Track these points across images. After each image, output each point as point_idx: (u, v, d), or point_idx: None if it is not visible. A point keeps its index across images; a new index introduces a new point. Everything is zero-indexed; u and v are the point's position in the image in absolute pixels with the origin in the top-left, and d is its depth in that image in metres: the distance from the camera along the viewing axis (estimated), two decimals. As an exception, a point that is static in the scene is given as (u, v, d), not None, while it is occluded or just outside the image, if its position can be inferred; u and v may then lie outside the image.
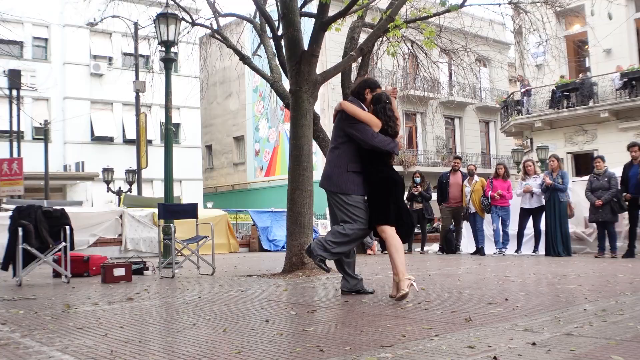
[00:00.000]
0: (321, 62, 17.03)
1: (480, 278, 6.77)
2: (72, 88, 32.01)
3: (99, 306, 5.79)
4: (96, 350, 3.63)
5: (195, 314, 5.10)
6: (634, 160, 11.29)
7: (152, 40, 14.87)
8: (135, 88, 24.19)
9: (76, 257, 9.79)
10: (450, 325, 4.19)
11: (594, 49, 24.28)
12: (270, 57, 12.80)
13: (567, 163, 25.51)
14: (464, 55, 16.45)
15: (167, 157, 12.13)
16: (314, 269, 8.91)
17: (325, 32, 9.76)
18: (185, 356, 3.40)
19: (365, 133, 5.78)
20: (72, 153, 31.63)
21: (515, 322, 4.25)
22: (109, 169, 28.15)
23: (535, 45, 17.30)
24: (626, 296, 5.54)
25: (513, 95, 29.50)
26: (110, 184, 28.14)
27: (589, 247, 12.75)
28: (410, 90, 21.30)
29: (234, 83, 38.58)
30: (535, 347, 3.41)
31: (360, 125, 5.82)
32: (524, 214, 12.81)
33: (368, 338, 3.80)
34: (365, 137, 5.78)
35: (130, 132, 31.81)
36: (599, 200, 11.41)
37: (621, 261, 10.31)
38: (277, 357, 3.31)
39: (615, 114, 24.49)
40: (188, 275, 9.51)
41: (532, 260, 11.20)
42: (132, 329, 4.41)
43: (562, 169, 12.58)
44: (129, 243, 16.07)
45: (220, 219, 18.42)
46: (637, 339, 3.60)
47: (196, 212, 10.41)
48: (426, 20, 13.71)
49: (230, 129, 40.48)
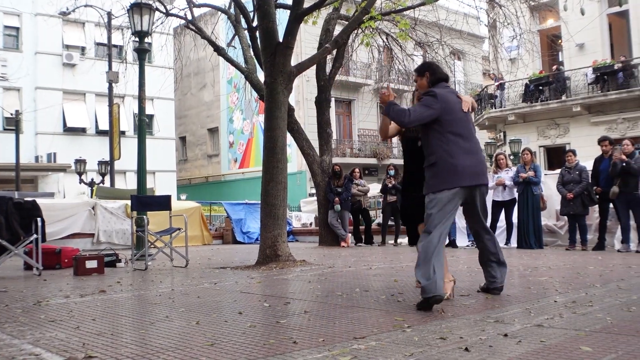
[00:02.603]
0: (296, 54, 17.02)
1: (453, 270, 6.82)
2: (44, 78, 31.57)
3: (70, 299, 5.75)
4: (68, 343, 3.61)
5: (168, 307, 5.08)
6: (604, 154, 11.42)
7: (125, 31, 14.75)
8: (108, 78, 23.95)
9: (48, 250, 9.69)
10: (422, 317, 4.21)
11: (567, 44, 24.50)
12: (245, 48, 12.78)
13: (539, 156, 25.72)
14: (439, 49, 16.54)
15: (141, 149, 12.04)
16: (287, 261, 8.93)
17: (301, 24, 9.75)
18: (158, 348, 3.38)
19: None
20: (44, 144, 31.22)
21: (487, 314, 4.29)
22: (81, 160, 27.84)
23: (509, 39, 17.44)
24: (596, 288, 5.61)
25: (487, 88, 29.67)
26: (82, 176, 27.85)
27: (560, 240, 12.89)
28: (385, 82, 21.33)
29: (209, 74, 38.38)
30: (506, 338, 3.45)
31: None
32: (496, 206, 12.88)
33: (341, 330, 3.81)
34: None
35: (103, 123, 31.49)
36: (570, 194, 11.53)
37: (591, 254, 10.43)
38: (250, 349, 3.32)
39: (587, 109, 24.74)
40: (161, 268, 9.47)
41: (504, 252, 11.24)
42: (104, 321, 4.38)
43: (535, 162, 12.70)
44: (101, 235, 15.93)
45: (194, 211, 18.34)
46: (606, 330, 3.65)
47: (169, 204, 10.36)
48: (401, 13, 13.76)
49: (204, 120, 40.28)
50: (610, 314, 4.19)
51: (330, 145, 15.53)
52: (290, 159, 27.41)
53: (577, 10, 15.40)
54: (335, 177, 14.93)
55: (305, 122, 27.00)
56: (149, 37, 12.51)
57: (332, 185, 14.81)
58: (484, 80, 40.17)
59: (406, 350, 3.21)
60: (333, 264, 9.22)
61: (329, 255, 11.26)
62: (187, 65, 27.17)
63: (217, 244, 19.21)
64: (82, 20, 31.24)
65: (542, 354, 3.08)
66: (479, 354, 3.09)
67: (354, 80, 33.11)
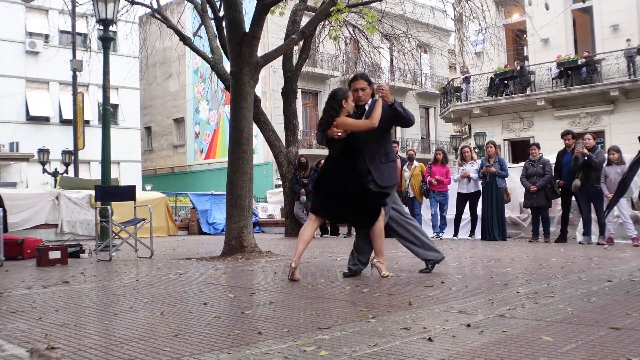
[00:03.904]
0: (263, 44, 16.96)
1: (417, 261, 6.88)
2: (6, 66, 31.04)
3: (33, 289, 5.69)
4: (30, 334, 3.57)
5: (132, 297, 5.05)
6: (567, 148, 11.57)
7: (90, 18, 14.57)
8: (72, 67, 23.64)
9: (10, 240, 9.56)
10: (387, 308, 4.25)
11: (532, 39, 24.78)
12: (211, 38, 12.70)
13: (504, 149, 26.02)
14: (405, 41, 16.60)
15: (105, 139, 11.93)
16: (253, 252, 8.92)
17: (267, 14, 9.72)
18: (122, 339, 3.37)
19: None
20: (6, 133, 30.72)
21: (451, 305, 4.33)
22: (44, 150, 27.50)
23: (475, 33, 17.54)
24: (557, 279, 5.70)
25: (453, 82, 29.87)
26: (46, 165, 27.52)
27: (524, 232, 13.04)
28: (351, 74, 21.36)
29: (174, 64, 38.04)
30: (469, 329, 3.49)
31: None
32: (460, 198, 13.01)
33: (306, 320, 3.83)
34: None
35: (67, 112, 31.10)
36: (533, 186, 11.66)
37: (554, 246, 10.58)
38: (214, 340, 3.31)
39: (551, 103, 25.06)
40: (126, 259, 9.40)
41: (468, 244, 11.41)
42: (67, 312, 4.34)
43: (500, 155, 12.84)
44: (65, 225, 15.74)
45: (159, 202, 18.20)
46: (567, 320, 3.71)
47: (134, 195, 10.28)
48: (368, 5, 13.77)
49: (170, 110, 39.98)
50: (571, 304, 4.25)
51: (296, 136, 15.52)
52: (257, 150, 27.34)
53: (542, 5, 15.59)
54: (302, 169, 14.93)
55: (272, 114, 26.96)
56: (113, 26, 12.38)
57: (298, 177, 14.81)
58: (450, 74, 40.46)
59: (370, 340, 3.24)
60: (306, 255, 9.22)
61: (295, 247, 11.24)
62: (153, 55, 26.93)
63: (182, 234, 19.10)
64: (46, 7, 30.80)
65: (504, 343, 3.12)
66: (442, 344, 3.13)
67: (320, 72, 33.10)
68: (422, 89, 39.68)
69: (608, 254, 8.57)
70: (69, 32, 26.55)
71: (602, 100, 23.85)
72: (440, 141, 39.20)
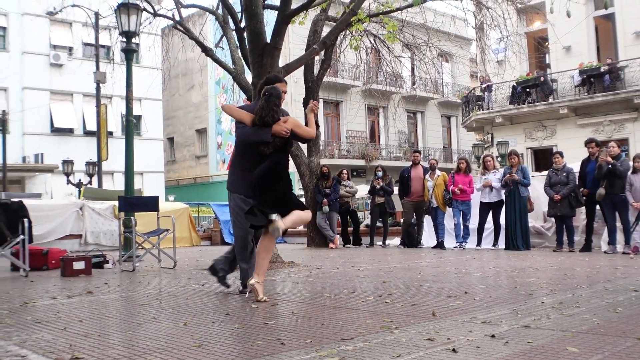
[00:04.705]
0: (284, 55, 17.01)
1: (441, 271, 6.85)
2: (31, 78, 31.39)
3: (57, 300, 5.73)
4: (55, 344, 3.59)
5: (155, 308, 5.07)
6: (591, 156, 11.48)
7: (113, 31, 14.70)
8: (95, 79, 23.87)
9: (35, 251, 9.65)
10: (410, 318, 4.22)
11: (554, 46, 24.58)
12: (233, 49, 12.75)
13: (526, 158, 25.83)
14: (426, 50, 16.57)
15: (128, 150, 12.02)
16: (275, 262, 8.92)
17: (288, 24, 9.75)
18: (145, 350, 3.38)
19: (239, 131, 5.62)
20: (31, 144, 31.04)
21: (475, 315, 4.30)
22: (68, 161, 27.74)
23: (497, 41, 17.48)
24: (583, 289, 5.64)
25: (474, 90, 29.75)
26: (70, 176, 27.75)
27: (548, 241, 12.93)
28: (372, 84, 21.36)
29: (197, 75, 38.26)
30: (494, 339, 3.46)
31: (237, 125, 5.63)
32: (483, 208, 12.94)
33: (329, 331, 3.82)
34: (240, 135, 5.66)
35: (91, 124, 31.33)
36: (557, 195, 11.56)
37: (578, 255, 10.48)
38: (237, 350, 3.31)
39: (574, 110, 24.86)
40: (149, 269, 9.44)
41: (491, 254, 11.33)
42: (91, 322, 4.36)
43: (522, 164, 12.75)
44: (89, 236, 15.87)
45: (182, 212, 18.29)
46: (593, 331, 3.67)
47: (157, 205, 10.34)
48: (389, 14, 13.77)
49: (192, 121, 40.18)
50: (597, 315, 4.21)
51: (318, 146, 15.52)
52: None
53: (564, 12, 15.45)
54: (323, 179, 14.92)
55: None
56: (136, 38, 12.51)
57: (320, 187, 14.81)
58: (471, 82, 40.31)
59: (394, 351, 3.22)
60: (321, 265, 9.22)
61: (317, 257, 11.26)
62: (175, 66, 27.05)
63: (205, 245, 19.16)
64: (70, 20, 31.10)
65: (529, 354, 3.09)
66: (466, 355, 3.10)
67: (342, 82, 33.15)
68: (444, 98, 39.59)
69: (634, 264, 8.47)
70: (93, 44, 26.78)
71: (626, 108, 23.60)
72: (462, 150, 39.03)
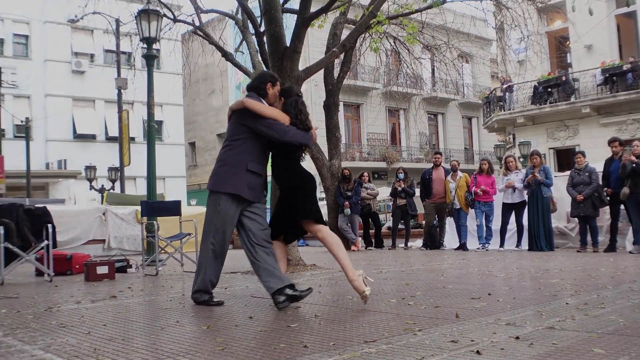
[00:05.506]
0: (304, 58, 17.03)
1: (464, 273, 6.81)
2: (53, 85, 31.72)
3: (82, 304, 5.76)
4: (79, 348, 3.61)
5: (179, 311, 5.09)
6: (614, 155, 11.38)
7: (133, 37, 14.80)
8: (117, 85, 24.09)
9: (59, 256, 9.72)
10: (433, 320, 4.20)
11: (575, 45, 24.44)
12: (253, 53, 12.78)
13: (549, 158, 25.66)
14: (446, 52, 16.52)
15: (150, 155, 12.07)
16: (297, 265, 8.93)
17: (308, 28, 9.76)
18: (169, 353, 3.39)
19: (276, 127, 5.24)
20: (54, 151, 31.37)
21: (498, 317, 4.27)
22: (91, 167, 27.98)
23: (517, 41, 17.38)
24: (608, 290, 5.58)
25: (495, 91, 29.60)
26: (93, 182, 27.99)
27: (571, 242, 12.84)
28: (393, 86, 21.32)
29: (217, 80, 38.41)
30: (518, 341, 3.43)
31: (268, 121, 5.24)
32: (506, 209, 12.88)
33: (352, 333, 3.81)
34: (276, 132, 5.24)
35: (113, 130, 31.63)
36: (580, 195, 11.47)
37: (603, 255, 10.39)
38: (261, 354, 3.31)
39: (596, 110, 24.65)
40: (172, 273, 9.49)
41: (515, 255, 11.26)
42: (115, 326, 4.39)
43: (544, 164, 12.67)
44: (112, 241, 15.98)
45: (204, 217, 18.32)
46: (619, 332, 3.63)
47: (179, 210, 10.38)
48: (408, 16, 13.74)
49: (213, 125, 40.35)
50: (623, 315, 4.16)
51: (339, 149, 15.52)
52: (299, 164, 27.35)
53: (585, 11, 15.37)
54: (345, 181, 14.91)
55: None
56: (157, 44, 12.56)
57: (342, 189, 14.79)
58: (492, 83, 40.13)
59: (417, 353, 3.20)
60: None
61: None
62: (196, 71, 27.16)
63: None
64: (91, 28, 31.40)
65: (554, 356, 3.07)
66: (490, 357, 3.08)
67: (362, 84, 33.13)
68: (465, 99, 39.45)
69: (660, 263, 8.38)
70: (114, 51, 27.06)
71: (649, 106, 23.39)
72: (484, 151, 38.85)
